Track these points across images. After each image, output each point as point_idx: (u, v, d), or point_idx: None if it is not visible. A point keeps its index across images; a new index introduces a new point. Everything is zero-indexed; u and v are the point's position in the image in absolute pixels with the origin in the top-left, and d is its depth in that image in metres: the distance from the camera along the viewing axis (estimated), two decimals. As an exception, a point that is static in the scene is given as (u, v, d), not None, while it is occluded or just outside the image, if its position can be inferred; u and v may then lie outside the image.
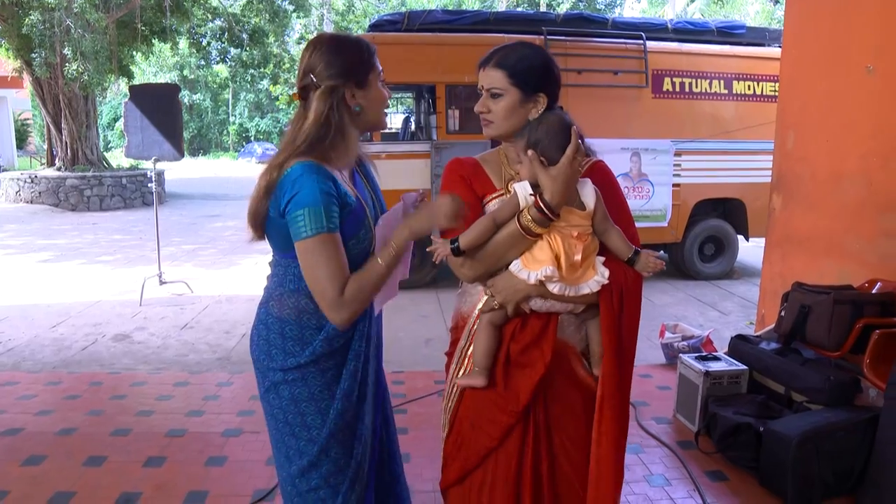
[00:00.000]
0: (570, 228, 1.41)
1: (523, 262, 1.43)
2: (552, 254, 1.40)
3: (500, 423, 1.48)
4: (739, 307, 5.92)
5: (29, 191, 13.42)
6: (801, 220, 3.69)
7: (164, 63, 30.28)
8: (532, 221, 1.38)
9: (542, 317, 1.47)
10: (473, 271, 1.46)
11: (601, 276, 1.42)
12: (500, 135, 1.52)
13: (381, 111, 1.60)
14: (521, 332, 1.49)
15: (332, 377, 1.54)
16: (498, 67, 1.49)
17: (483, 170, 1.58)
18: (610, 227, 1.47)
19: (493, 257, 1.45)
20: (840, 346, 2.79)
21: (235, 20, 15.86)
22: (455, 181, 1.56)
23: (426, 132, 6.81)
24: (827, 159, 3.50)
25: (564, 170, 1.36)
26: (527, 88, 1.48)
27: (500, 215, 1.43)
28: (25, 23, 11.45)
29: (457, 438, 1.56)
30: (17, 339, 4.78)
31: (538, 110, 1.50)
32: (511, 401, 1.47)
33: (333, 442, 1.55)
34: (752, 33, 7.27)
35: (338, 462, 1.57)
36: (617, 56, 6.56)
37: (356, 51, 1.55)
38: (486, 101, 1.51)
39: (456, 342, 1.60)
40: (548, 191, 1.37)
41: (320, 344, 1.50)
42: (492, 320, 1.48)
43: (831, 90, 3.47)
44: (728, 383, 3.05)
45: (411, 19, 6.49)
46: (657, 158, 6.61)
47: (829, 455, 2.43)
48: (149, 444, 2.97)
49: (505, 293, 1.45)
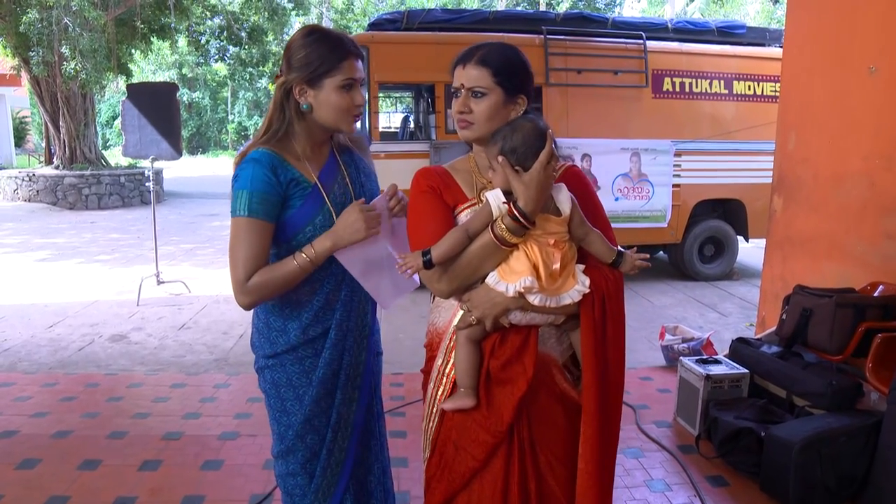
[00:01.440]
0: (547, 236, 1.36)
1: (500, 273, 1.37)
2: (530, 264, 1.34)
3: (484, 443, 1.43)
4: (739, 308, 5.90)
5: (27, 189, 13.36)
6: (802, 221, 3.67)
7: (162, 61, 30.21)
8: (506, 231, 1.32)
9: (522, 330, 1.42)
10: (448, 285, 1.40)
11: (582, 284, 1.37)
12: (479, 137, 1.45)
13: (336, 116, 1.54)
14: (500, 347, 1.43)
15: (311, 365, 1.61)
16: (481, 65, 1.42)
17: (453, 179, 1.51)
18: (589, 232, 1.42)
19: (468, 270, 1.38)
20: (842, 349, 2.77)
21: (234, 18, 15.82)
22: (424, 191, 1.48)
23: (425, 132, 6.78)
24: (829, 160, 3.48)
25: (538, 175, 1.31)
26: (510, 89, 1.43)
27: (473, 226, 1.37)
28: (23, 21, 11.39)
29: (440, 460, 1.51)
30: (14, 340, 4.75)
31: (517, 112, 1.45)
32: (494, 420, 1.41)
33: (309, 428, 1.63)
34: (752, 33, 7.24)
35: (313, 448, 1.64)
36: (617, 56, 6.53)
37: (322, 49, 1.50)
38: (466, 101, 1.43)
39: (432, 359, 1.53)
40: (521, 198, 1.31)
41: (295, 334, 1.59)
42: (470, 336, 1.42)
43: (833, 90, 3.45)
44: (729, 387, 3.03)
45: (410, 18, 6.46)
46: (657, 159, 6.59)
47: (831, 460, 2.41)
48: (144, 447, 2.95)
49: (482, 307, 1.38)
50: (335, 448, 1.65)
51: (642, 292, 6.44)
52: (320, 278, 1.58)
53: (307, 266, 1.50)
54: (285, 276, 1.50)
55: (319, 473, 1.65)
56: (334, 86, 1.51)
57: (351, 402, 1.66)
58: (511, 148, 1.35)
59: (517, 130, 1.36)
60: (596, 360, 1.38)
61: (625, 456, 2.88)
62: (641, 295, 6.34)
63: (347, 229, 1.50)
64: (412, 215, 1.49)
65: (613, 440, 1.45)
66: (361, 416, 1.69)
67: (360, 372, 1.68)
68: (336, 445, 1.65)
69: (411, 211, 1.50)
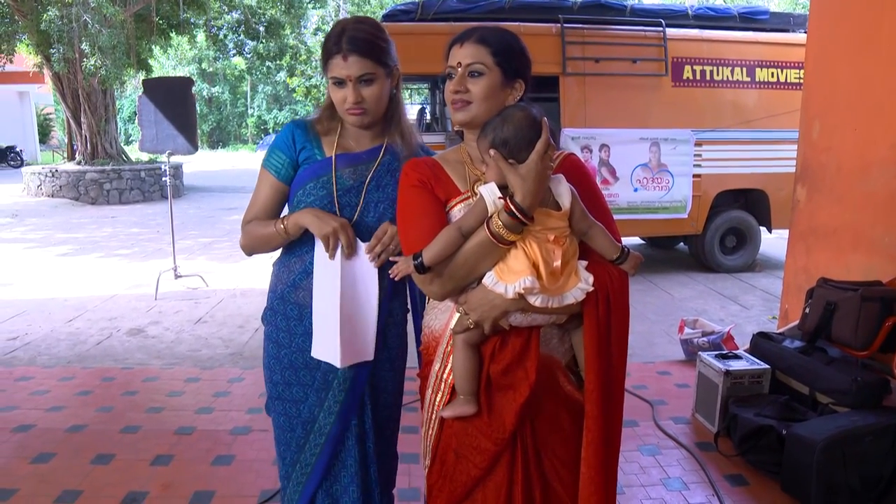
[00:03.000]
0: (546, 232, 1.27)
1: (497, 273, 1.28)
2: (529, 262, 1.25)
3: (485, 451, 1.35)
4: (761, 301, 5.77)
5: (50, 185, 13.57)
6: (826, 212, 3.56)
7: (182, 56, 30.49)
8: (503, 227, 1.24)
9: (523, 332, 1.34)
10: (441, 287, 1.32)
11: (585, 282, 1.29)
12: (474, 119, 1.36)
13: (340, 109, 1.54)
14: (500, 350, 1.35)
15: (294, 329, 1.62)
16: (480, 43, 1.35)
17: (444, 171, 1.42)
18: (592, 225, 1.33)
19: (463, 271, 1.30)
20: (868, 345, 2.68)
21: (251, 12, 15.87)
22: (414, 185, 1.39)
23: (441, 123, 6.72)
24: (854, 149, 3.36)
25: (535, 167, 1.22)
26: (508, 71, 1.36)
27: (467, 224, 1.29)
28: (44, 18, 11.53)
29: (441, 468, 1.44)
30: (34, 334, 4.81)
31: (514, 98, 1.38)
32: (496, 428, 1.34)
33: (280, 405, 1.64)
34: (775, 19, 7.06)
35: (281, 428, 1.65)
36: (635, 44, 6.41)
37: (324, 44, 1.53)
38: (463, 80, 1.35)
39: (429, 364, 1.45)
40: (519, 192, 1.22)
41: (284, 285, 1.63)
42: (468, 340, 1.34)
43: (859, 77, 3.33)
44: (749, 383, 2.95)
45: (425, 8, 6.39)
46: (677, 148, 6.46)
47: (855, 460, 2.32)
48: (157, 441, 2.95)
49: (480, 310, 1.30)
50: (306, 447, 1.62)
51: (662, 284, 6.33)
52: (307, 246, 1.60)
53: (282, 233, 1.54)
54: (265, 235, 1.58)
55: (289, 462, 1.64)
56: (330, 83, 1.52)
57: (329, 413, 1.60)
58: (503, 139, 1.26)
59: (508, 120, 1.27)
60: (600, 361, 1.32)
61: (641, 453, 2.82)
62: (661, 287, 6.24)
63: (316, 215, 1.50)
64: (401, 212, 1.42)
65: (616, 442, 1.39)
66: (338, 429, 1.60)
67: (345, 386, 1.59)
68: (307, 444, 1.62)
69: (401, 207, 1.43)
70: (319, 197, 1.54)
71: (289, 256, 1.63)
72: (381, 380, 1.66)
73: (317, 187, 1.54)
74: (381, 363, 1.64)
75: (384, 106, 1.56)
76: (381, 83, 1.51)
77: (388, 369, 1.67)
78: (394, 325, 1.66)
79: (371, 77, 1.48)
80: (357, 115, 1.51)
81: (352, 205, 1.55)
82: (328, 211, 1.53)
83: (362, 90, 1.49)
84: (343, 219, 1.51)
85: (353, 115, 1.52)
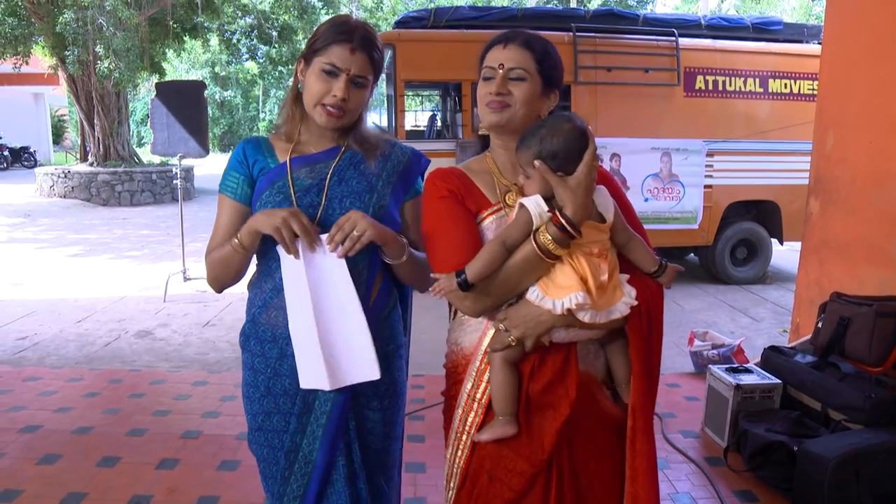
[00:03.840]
0: (590, 245, 1.23)
1: (542, 288, 1.24)
2: (577, 277, 1.21)
3: (522, 473, 1.30)
4: (772, 314, 5.72)
5: (62, 185, 13.67)
6: (840, 225, 3.52)
7: (195, 60, 30.69)
8: (551, 241, 1.19)
9: (562, 348, 1.29)
10: (480, 304, 1.27)
11: (629, 296, 1.26)
12: (509, 123, 1.31)
13: (310, 100, 1.42)
14: (540, 368, 1.30)
15: (269, 350, 1.48)
16: (525, 48, 1.31)
17: (472, 181, 1.37)
18: (631, 237, 1.31)
19: (505, 287, 1.25)
20: (882, 361, 2.63)
21: (265, 17, 15.97)
22: (444, 196, 1.33)
23: (451, 130, 6.72)
24: (869, 161, 3.33)
25: (584, 179, 1.19)
26: (548, 80, 1.33)
27: (511, 238, 1.24)
28: (59, 21, 11.65)
29: (471, 489, 1.37)
30: (43, 334, 4.83)
31: (549, 108, 1.35)
32: (536, 449, 1.29)
33: (262, 437, 1.51)
34: (789, 30, 7.02)
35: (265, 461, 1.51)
36: (648, 53, 6.39)
37: (326, 28, 1.43)
38: (505, 82, 1.30)
39: (458, 384, 1.38)
40: (569, 205, 1.18)
41: (258, 307, 1.50)
42: (507, 358, 1.28)
43: (874, 88, 3.29)
44: (760, 398, 2.91)
45: (437, 16, 6.40)
46: (688, 159, 6.43)
47: (869, 479, 2.28)
48: (163, 445, 2.95)
49: (524, 327, 1.24)
50: (291, 478, 1.48)
51: (671, 295, 6.29)
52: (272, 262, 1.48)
53: (237, 248, 1.39)
54: (223, 257, 1.43)
55: (277, 496, 1.50)
56: (318, 66, 1.39)
57: (313, 439, 1.46)
58: (551, 152, 1.21)
59: (556, 132, 1.22)
60: (645, 376, 1.29)
61: (649, 466, 2.78)
62: (670, 298, 6.19)
63: (264, 213, 1.36)
64: (430, 226, 1.35)
65: (655, 455, 1.36)
66: (324, 457, 1.46)
67: (327, 408, 1.45)
68: (293, 475, 1.48)
69: (429, 221, 1.36)
70: (276, 203, 1.42)
71: (259, 278, 1.51)
72: (366, 420, 1.49)
73: (272, 194, 1.43)
74: (367, 398, 1.48)
75: (357, 115, 1.48)
76: (367, 92, 1.45)
77: (377, 409, 1.50)
78: (383, 356, 1.45)
79: (364, 82, 1.42)
80: (334, 116, 1.40)
81: (314, 204, 1.43)
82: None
83: (351, 91, 1.40)
84: (293, 208, 1.39)
85: (329, 116, 1.40)
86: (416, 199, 1.53)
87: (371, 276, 1.46)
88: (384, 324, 1.51)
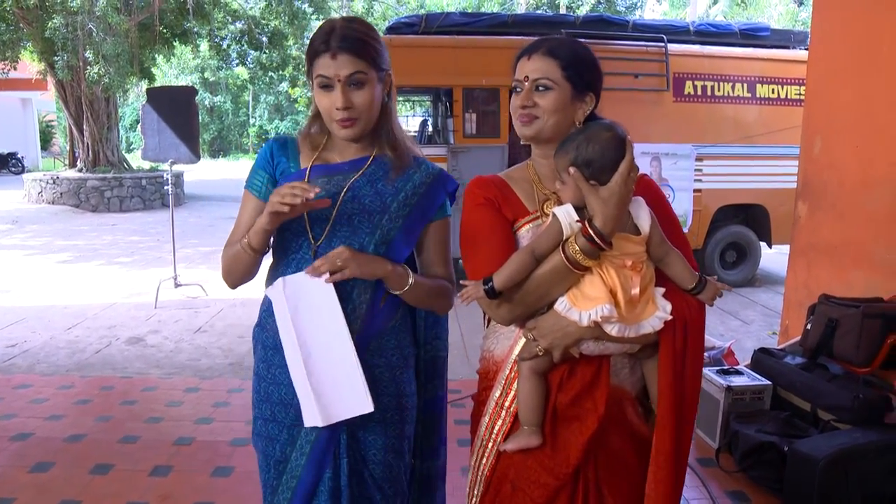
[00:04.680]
0: (624, 257, 1.21)
1: (571, 299, 1.22)
2: (606, 289, 1.19)
3: (545, 485, 1.28)
4: (762, 316, 5.77)
5: (51, 191, 13.57)
6: (827, 228, 3.57)
7: (185, 65, 30.57)
8: (580, 253, 1.18)
9: (593, 361, 1.27)
10: (511, 312, 1.26)
11: (663, 310, 1.23)
12: (540, 134, 1.31)
13: (326, 119, 1.40)
14: (569, 379, 1.28)
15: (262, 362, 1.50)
16: (549, 56, 1.30)
17: (511, 189, 1.36)
18: (669, 251, 1.27)
19: (534, 296, 1.24)
20: (870, 361, 2.68)
21: (255, 23, 15.94)
22: (481, 204, 1.34)
23: (443, 136, 6.75)
24: (856, 165, 3.38)
25: (618, 190, 1.16)
26: (579, 84, 1.31)
27: (540, 247, 1.22)
28: (48, 26, 11.59)
29: (494, 498, 1.36)
30: (33, 341, 4.80)
31: (584, 112, 1.33)
32: (560, 462, 1.27)
33: (261, 433, 1.50)
34: (776, 35, 7.12)
35: (260, 467, 1.51)
36: (637, 59, 6.45)
37: (310, 43, 1.38)
38: (529, 94, 1.30)
39: (488, 389, 1.38)
40: (599, 216, 1.16)
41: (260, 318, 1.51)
42: (535, 368, 1.26)
43: (860, 94, 3.35)
44: (751, 399, 2.94)
45: (428, 22, 6.44)
46: (678, 163, 6.48)
47: (858, 478, 2.31)
48: (156, 452, 2.94)
49: (551, 337, 1.23)
50: (279, 489, 1.46)
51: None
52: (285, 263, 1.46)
53: (246, 248, 1.38)
54: (233, 254, 1.43)
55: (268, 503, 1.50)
56: (315, 83, 1.37)
57: (301, 454, 1.44)
58: (586, 160, 1.20)
59: (593, 140, 1.20)
60: (674, 394, 1.25)
61: (642, 468, 2.81)
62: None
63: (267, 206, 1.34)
64: (467, 232, 1.35)
65: (682, 479, 1.33)
66: (309, 474, 1.42)
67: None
68: (280, 486, 1.46)
69: (465, 228, 1.36)
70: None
71: (269, 280, 1.49)
72: (366, 433, 1.44)
73: None
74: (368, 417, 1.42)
75: (376, 114, 1.41)
76: (373, 87, 1.37)
77: (378, 420, 1.44)
78: (387, 368, 1.44)
79: (362, 79, 1.34)
80: (347, 126, 1.36)
81: (323, 217, 1.41)
82: (297, 223, 1.41)
83: (352, 94, 1.34)
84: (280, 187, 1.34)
85: (344, 128, 1.37)
86: (442, 222, 1.49)
87: (377, 291, 1.42)
88: (389, 335, 1.46)
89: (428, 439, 1.59)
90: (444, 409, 1.62)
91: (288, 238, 1.44)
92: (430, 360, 1.57)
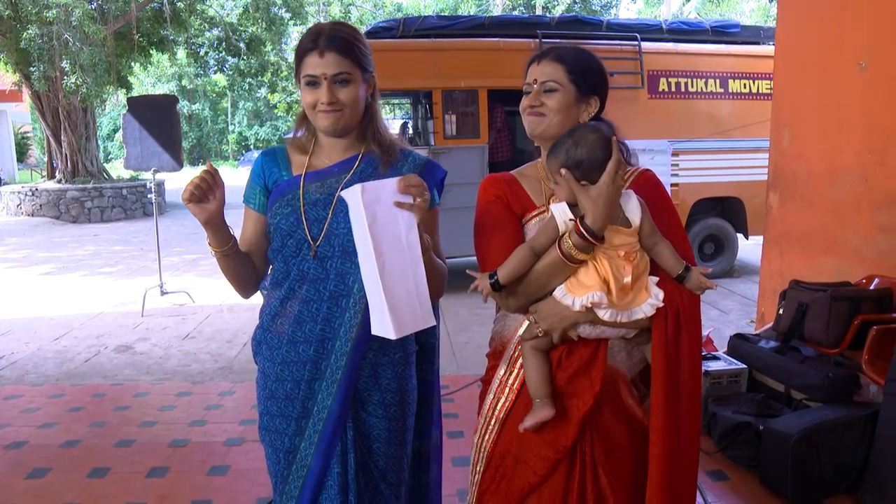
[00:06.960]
0: (616, 248, 1.29)
1: (568, 287, 1.31)
2: (599, 278, 1.28)
3: (545, 458, 1.37)
4: (740, 305, 5.92)
5: (30, 204, 13.45)
6: (798, 217, 3.70)
7: (162, 73, 30.35)
8: (574, 248, 1.27)
9: (591, 343, 1.36)
10: (516, 301, 1.37)
11: (655, 298, 1.31)
12: (546, 130, 1.41)
13: (309, 111, 1.46)
14: (567, 359, 1.37)
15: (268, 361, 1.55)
16: (557, 61, 1.41)
17: (521, 186, 1.47)
18: (658, 241, 1.35)
19: (535, 287, 1.35)
20: (838, 342, 2.80)
21: (232, 29, 15.94)
22: (491, 201, 1.45)
23: (423, 137, 6.82)
24: (822, 156, 3.52)
25: (605, 189, 1.24)
26: (583, 87, 1.41)
27: (539, 243, 1.32)
28: (23, 37, 11.51)
29: (495, 473, 1.44)
30: (20, 353, 4.80)
31: (589, 114, 1.43)
32: (559, 435, 1.35)
33: (269, 431, 1.54)
34: (746, 32, 7.30)
35: (269, 458, 1.57)
36: (612, 58, 6.56)
37: (298, 45, 1.46)
38: (538, 95, 1.42)
39: (494, 368, 1.48)
40: (589, 214, 1.25)
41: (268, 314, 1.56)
42: (535, 347, 1.36)
43: (825, 87, 3.49)
44: (727, 382, 3.06)
45: (406, 25, 6.51)
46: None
47: (829, 452, 2.43)
48: (152, 454, 2.98)
49: (550, 320, 1.33)
50: (290, 478, 1.52)
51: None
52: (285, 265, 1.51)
53: (213, 251, 1.49)
54: (218, 263, 1.53)
55: (278, 491, 1.55)
56: (302, 81, 1.44)
57: (310, 444, 1.49)
58: (575, 161, 1.28)
59: (581, 142, 1.29)
60: (666, 377, 1.32)
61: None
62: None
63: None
64: (478, 227, 1.46)
65: (689, 466, 1.38)
66: (318, 463, 1.48)
67: (323, 416, 1.48)
68: (290, 475, 1.52)
69: (477, 223, 1.46)
70: (285, 215, 1.47)
71: (271, 286, 1.56)
72: (368, 426, 1.51)
73: (282, 205, 1.48)
74: (370, 405, 1.50)
75: (360, 112, 1.47)
76: (358, 86, 1.43)
77: (381, 416, 1.51)
78: (389, 364, 1.51)
79: (348, 78, 1.41)
80: (330, 112, 1.41)
81: (320, 218, 1.46)
82: (295, 227, 1.47)
83: (337, 91, 1.41)
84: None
85: (327, 115, 1.42)
86: (432, 211, 1.51)
87: None
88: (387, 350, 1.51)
89: (420, 420, 1.67)
90: (434, 392, 1.71)
91: (287, 240, 1.49)
92: (420, 346, 1.65)
